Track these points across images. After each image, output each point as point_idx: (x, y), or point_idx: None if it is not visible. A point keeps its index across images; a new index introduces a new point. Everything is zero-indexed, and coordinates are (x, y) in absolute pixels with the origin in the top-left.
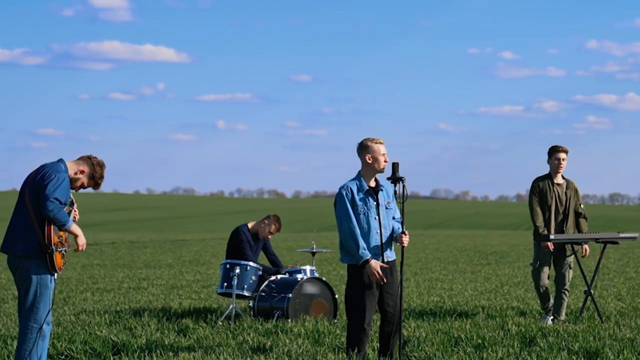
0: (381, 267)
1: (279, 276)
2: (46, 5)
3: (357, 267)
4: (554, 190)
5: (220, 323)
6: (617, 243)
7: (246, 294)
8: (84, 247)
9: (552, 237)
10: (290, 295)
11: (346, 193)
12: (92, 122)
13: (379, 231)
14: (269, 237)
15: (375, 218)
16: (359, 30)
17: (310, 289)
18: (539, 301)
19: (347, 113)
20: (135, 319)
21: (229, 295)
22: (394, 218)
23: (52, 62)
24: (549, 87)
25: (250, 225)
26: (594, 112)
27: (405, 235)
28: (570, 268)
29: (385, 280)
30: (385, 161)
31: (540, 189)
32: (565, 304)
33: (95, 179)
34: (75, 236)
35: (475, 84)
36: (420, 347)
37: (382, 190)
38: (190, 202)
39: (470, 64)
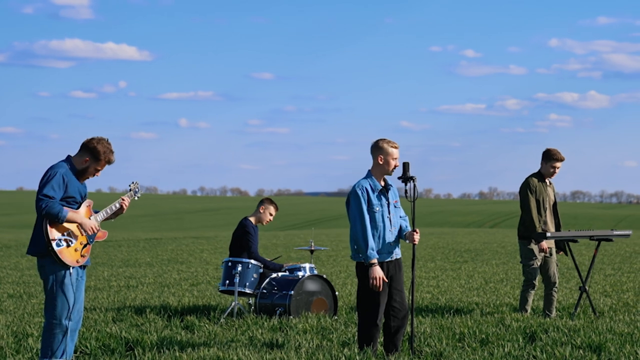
0: (389, 265)
1: (279, 274)
2: (6, 2)
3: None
4: (547, 192)
5: (223, 320)
6: (611, 240)
7: (248, 291)
8: (93, 230)
9: (548, 234)
10: (292, 292)
11: (362, 192)
12: (53, 120)
13: (391, 230)
14: (271, 219)
15: (387, 217)
16: (322, 28)
17: (311, 286)
18: (522, 300)
19: (310, 111)
20: (141, 317)
21: (231, 292)
22: (400, 217)
23: (12, 59)
24: (510, 85)
25: (251, 218)
26: (555, 110)
27: (416, 233)
28: (557, 265)
29: (381, 288)
30: (395, 165)
31: (537, 188)
32: (555, 301)
33: (101, 160)
34: (79, 224)
35: (437, 82)
36: (426, 342)
37: (390, 189)
38: (154, 201)
39: (433, 62)
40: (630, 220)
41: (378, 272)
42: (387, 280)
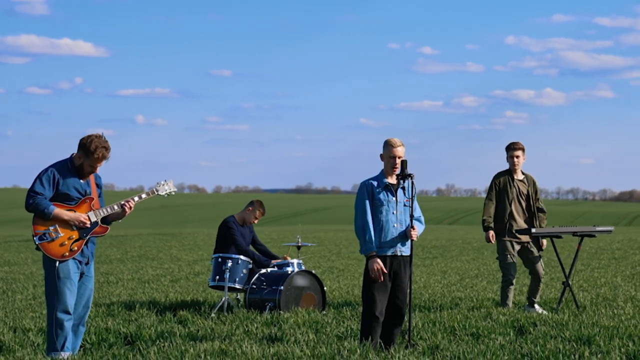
0: (392, 260)
1: (268, 269)
2: None
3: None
4: (514, 186)
5: (214, 315)
6: (594, 236)
7: (237, 286)
8: (81, 223)
9: (533, 230)
10: (282, 287)
11: (366, 187)
12: (9, 117)
13: (395, 225)
14: (255, 222)
15: (393, 213)
16: (280, 25)
17: (301, 281)
18: (502, 296)
19: (268, 108)
20: (132, 312)
21: (221, 288)
22: (412, 216)
23: None
24: (467, 82)
25: (236, 216)
26: (512, 107)
27: (414, 229)
28: (540, 257)
29: (382, 279)
30: (395, 163)
31: (500, 184)
32: (539, 290)
33: (91, 156)
34: (64, 221)
35: (395, 79)
36: (419, 336)
37: (402, 188)
38: (111, 198)
39: (391, 59)
40: (587, 217)
41: (376, 263)
42: (385, 271)
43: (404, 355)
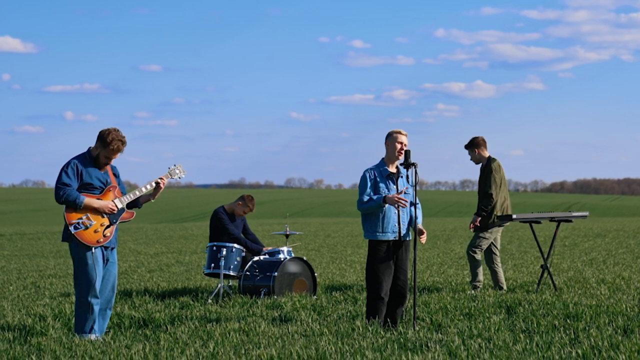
0: (397, 245)
1: (261, 257)
2: None
3: (376, 242)
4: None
5: (211, 300)
6: (570, 221)
7: (232, 273)
8: (111, 210)
9: (514, 216)
10: (276, 274)
11: (369, 175)
12: None
13: (397, 212)
14: (243, 215)
15: None
16: (210, 19)
17: (293, 267)
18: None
19: (198, 103)
20: (138, 298)
21: (216, 275)
22: (412, 204)
23: None
24: (398, 75)
25: (225, 207)
26: (443, 100)
27: (424, 233)
28: (494, 245)
29: (407, 203)
30: (401, 149)
31: None
32: (497, 276)
33: (107, 147)
34: (94, 209)
35: (326, 73)
36: (416, 316)
37: (401, 177)
38: (42, 195)
39: (321, 52)
40: (520, 208)
41: (392, 196)
42: (404, 202)
43: (415, 331)
